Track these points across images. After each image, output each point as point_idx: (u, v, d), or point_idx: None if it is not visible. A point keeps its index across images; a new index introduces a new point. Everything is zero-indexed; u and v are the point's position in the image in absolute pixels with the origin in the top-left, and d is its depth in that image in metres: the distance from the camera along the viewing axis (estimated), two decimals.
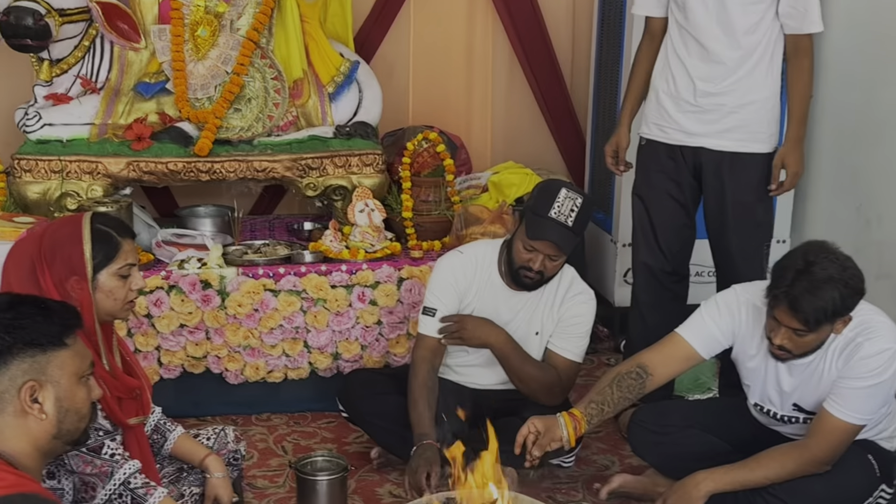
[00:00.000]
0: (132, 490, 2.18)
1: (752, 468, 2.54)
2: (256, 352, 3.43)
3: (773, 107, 3.08)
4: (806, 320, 2.39)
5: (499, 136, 4.66)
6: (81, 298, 2.15)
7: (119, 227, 2.30)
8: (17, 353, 1.65)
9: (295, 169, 3.67)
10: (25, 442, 1.67)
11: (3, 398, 1.65)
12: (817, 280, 2.36)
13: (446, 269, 3.01)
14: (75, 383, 1.73)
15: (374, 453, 3.14)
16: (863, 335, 2.49)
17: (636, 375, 2.68)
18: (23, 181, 3.51)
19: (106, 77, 3.74)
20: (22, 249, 2.23)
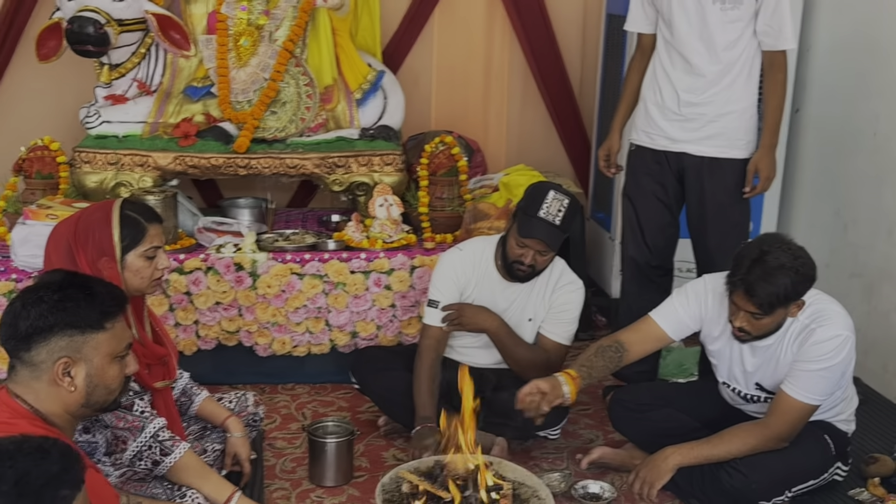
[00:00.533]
0: (161, 442, 2.23)
1: (716, 444, 2.55)
2: (283, 328, 3.48)
3: (751, 116, 3.06)
4: (760, 304, 2.40)
5: (513, 141, 4.68)
6: (111, 277, 2.18)
7: (146, 212, 2.33)
8: (58, 332, 1.68)
9: (323, 166, 3.73)
10: (58, 406, 1.70)
11: (41, 367, 1.68)
12: (770, 268, 2.38)
13: (448, 264, 3.04)
14: (108, 362, 1.74)
15: (382, 421, 3.18)
16: (816, 322, 2.49)
17: (614, 350, 2.72)
18: (83, 171, 3.61)
19: (159, 81, 3.82)
20: (60, 232, 2.28)
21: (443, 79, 4.55)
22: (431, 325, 3.00)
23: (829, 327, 2.48)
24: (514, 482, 2.46)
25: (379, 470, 2.91)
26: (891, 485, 2.73)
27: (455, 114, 4.58)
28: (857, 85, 3.67)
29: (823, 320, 2.49)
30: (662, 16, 3.07)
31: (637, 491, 2.57)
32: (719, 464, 2.54)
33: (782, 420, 2.50)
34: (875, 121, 3.55)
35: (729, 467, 2.52)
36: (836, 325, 2.48)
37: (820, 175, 3.93)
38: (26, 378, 1.69)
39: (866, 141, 3.61)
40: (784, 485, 2.52)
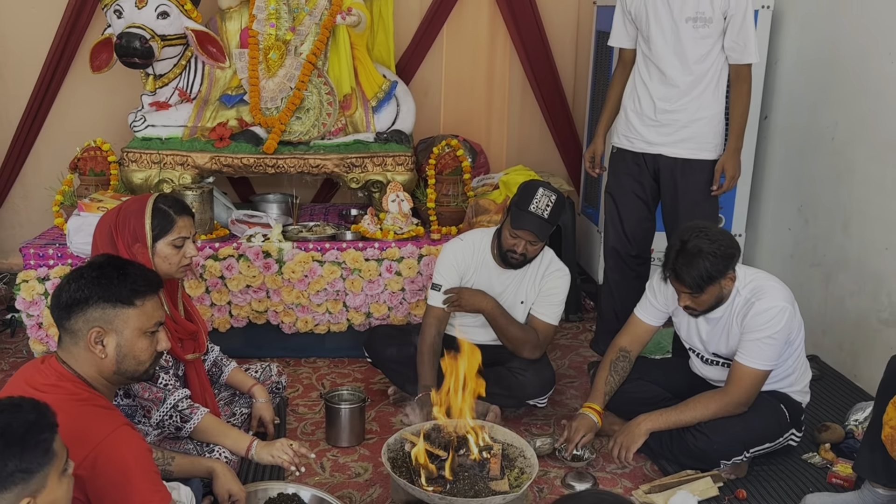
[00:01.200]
0: (180, 411, 2.28)
1: (683, 410, 2.58)
2: (306, 309, 3.54)
3: (719, 122, 3.08)
4: (690, 286, 2.47)
5: (512, 145, 4.71)
6: (144, 261, 2.24)
7: (177, 206, 2.36)
8: (94, 304, 1.73)
9: (342, 166, 3.78)
10: (93, 370, 1.76)
11: (78, 335, 1.74)
12: (690, 255, 2.44)
13: (450, 253, 3.07)
14: (137, 336, 1.77)
15: (391, 391, 3.23)
16: (755, 296, 2.54)
17: (623, 358, 2.81)
18: (130, 169, 3.67)
19: (198, 89, 3.87)
20: (105, 220, 2.34)
21: (450, 88, 4.58)
22: (434, 305, 3.04)
23: (766, 300, 2.52)
24: (503, 443, 2.51)
25: (388, 433, 2.95)
26: (840, 450, 2.76)
27: (461, 120, 4.62)
28: (819, 95, 3.67)
29: (761, 294, 2.53)
30: (641, 33, 3.09)
31: (616, 455, 2.61)
32: (686, 428, 2.58)
33: (739, 387, 2.53)
34: (833, 127, 3.55)
35: (695, 430, 2.56)
36: (772, 297, 2.52)
37: (785, 175, 3.94)
38: (68, 344, 1.75)
39: (825, 145, 3.61)
40: (742, 446, 2.54)
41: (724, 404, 2.53)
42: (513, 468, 2.43)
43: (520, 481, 2.36)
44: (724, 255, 2.46)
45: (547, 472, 2.69)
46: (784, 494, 2.53)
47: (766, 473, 2.64)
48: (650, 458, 2.74)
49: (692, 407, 2.57)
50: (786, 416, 2.64)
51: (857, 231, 3.40)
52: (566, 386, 3.37)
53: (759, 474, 2.64)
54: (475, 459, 2.35)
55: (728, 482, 2.57)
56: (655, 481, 2.58)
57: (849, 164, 3.46)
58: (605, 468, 2.74)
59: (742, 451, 2.55)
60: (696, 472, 2.58)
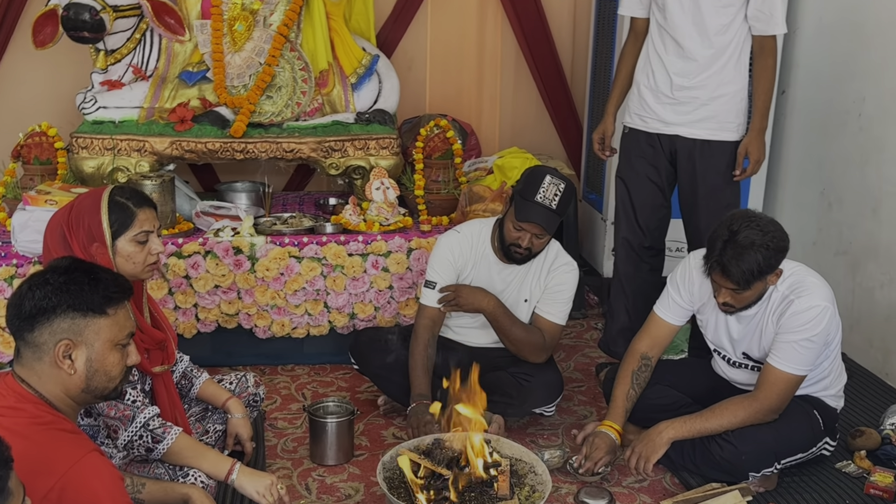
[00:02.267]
0: (151, 431, 2.22)
1: (708, 418, 2.56)
2: (282, 310, 3.48)
3: (742, 100, 3.05)
4: (738, 282, 2.43)
5: (506, 125, 4.67)
6: (104, 263, 2.16)
7: (136, 197, 2.29)
8: (61, 313, 1.67)
9: (319, 150, 3.71)
10: (59, 389, 1.69)
11: (43, 349, 1.67)
12: (741, 246, 2.40)
13: (445, 246, 3.02)
14: (109, 349, 1.73)
15: (381, 401, 3.18)
16: (795, 293, 2.52)
17: (644, 367, 2.78)
18: (80, 157, 3.58)
19: (154, 66, 3.79)
20: (56, 220, 2.27)
21: (436, 63, 4.53)
22: (428, 305, 3.00)
23: (807, 298, 2.50)
24: (511, 458, 2.48)
25: (379, 448, 2.92)
26: (876, 458, 2.76)
27: (449, 97, 4.57)
28: (843, 67, 3.67)
29: (801, 291, 2.51)
30: (656, 0, 3.05)
31: (634, 466, 2.59)
32: (711, 437, 2.56)
33: (770, 392, 2.52)
34: (860, 102, 3.55)
35: (720, 439, 2.54)
36: (814, 296, 2.50)
37: (806, 155, 3.94)
38: (29, 360, 1.69)
39: (851, 122, 3.61)
40: (773, 457, 2.54)
41: (754, 411, 2.52)
42: (523, 486, 2.40)
43: (531, 500, 2.34)
44: (777, 249, 2.43)
45: (558, 488, 2.66)
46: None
47: (797, 485, 2.64)
48: (670, 470, 2.73)
49: (718, 414, 2.55)
50: (819, 424, 2.63)
51: (888, 216, 3.40)
52: (573, 391, 3.35)
53: (791, 486, 2.63)
54: (481, 478, 2.31)
55: (757, 495, 2.56)
56: (678, 496, 2.57)
57: (877, 142, 3.46)
58: (622, 482, 2.72)
59: (773, 462, 2.54)
60: (723, 485, 2.57)
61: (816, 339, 2.49)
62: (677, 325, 2.81)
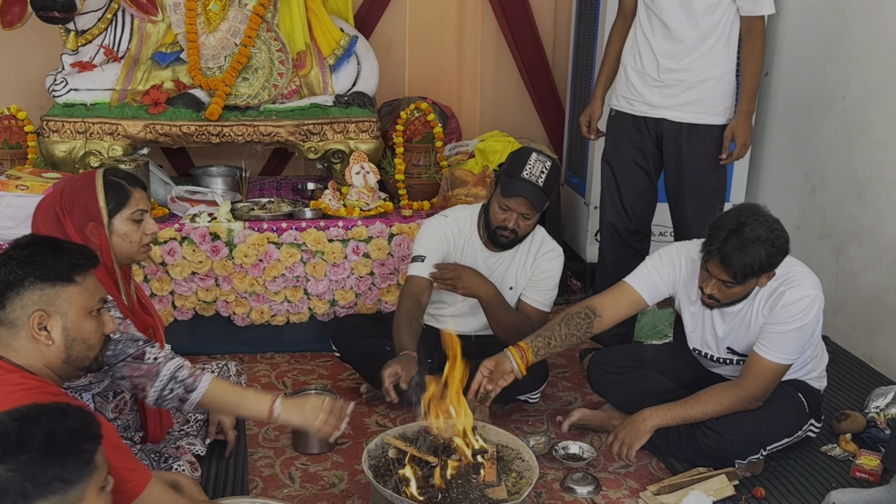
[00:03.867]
0: (181, 381, 2.18)
1: (692, 405, 2.59)
2: (261, 297, 3.46)
3: (729, 83, 3.07)
4: (735, 274, 2.43)
5: (486, 107, 4.67)
6: (100, 242, 2.21)
7: (129, 178, 2.34)
8: (29, 286, 1.69)
9: (297, 134, 3.69)
10: (40, 362, 1.72)
11: (17, 324, 1.70)
12: (747, 239, 2.39)
13: (435, 226, 3.01)
14: (83, 316, 1.76)
15: (364, 388, 3.18)
16: (785, 284, 2.53)
17: (584, 316, 2.69)
18: (51, 140, 3.53)
19: (126, 47, 3.74)
20: (47, 202, 2.28)
21: (415, 44, 4.51)
22: (417, 275, 2.92)
23: (798, 288, 2.52)
24: (497, 445, 2.49)
25: (362, 436, 2.92)
26: (862, 441, 2.81)
27: (428, 80, 4.55)
28: (827, 49, 3.70)
29: (792, 282, 2.53)
30: None
31: (616, 452, 2.61)
32: (695, 424, 2.59)
33: (756, 381, 2.54)
34: (845, 84, 3.59)
35: (705, 427, 2.57)
36: (805, 286, 2.53)
37: (789, 138, 3.98)
38: (6, 337, 1.71)
39: (836, 104, 3.65)
40: (759, 443, 2.57)
41: (738, 399, 2.55)
42: (509, 472, 2.41)
43: (518, 487, 2.35)
44: (780, 249, 2.44)
45: (544, 474, 2.68)
46: (805, 491, 2.57)
47: (784, 469, 2.68)
48: (656, 456, 2.76)
49: (703, 401, 2.58)
50: (804, 406, 2.67)
51: (871, 199, 3.44)
52: (557, 377, 3.38)
53: (777, 470, 2.67)
54: (468, 464, 2.33)
55: (744, 480, 2.60)
56: (665, 481, 2.60)
57: (862, 124, 3.50)
58: (608, 468, 2.75)
59: (759, 449, 2.57)
60: (709, 469, 2.60)
61: (806, 328, 2.52)
62: (643, 300, 2.70)
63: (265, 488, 2.59)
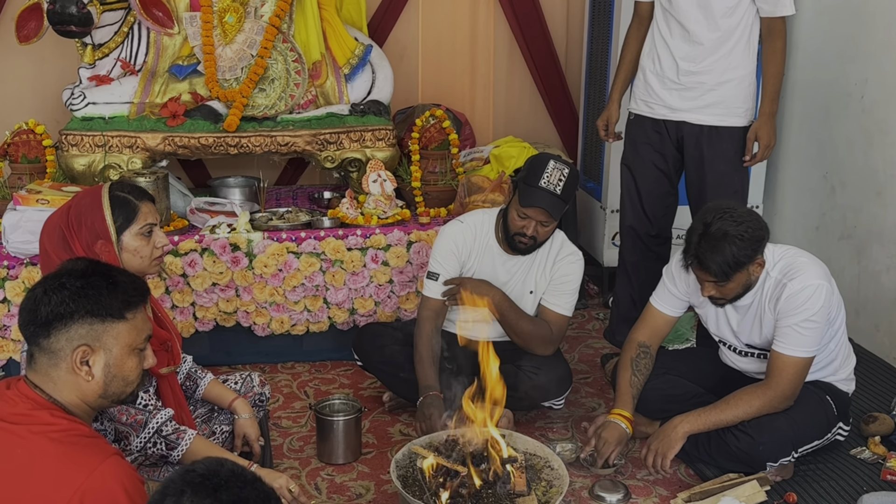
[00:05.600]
0: (165, 437, 2.17)
1: (723, 409, 2.55)
2: (281, 307, 3.44)
3: (750, 84, 3.04)
4: (716, 274, 2.45)
5: (500, 113, 4.64)
6: (110, 259, 2.13)
7: (136, 192, 2.27)
8: (79, 319, 1.62)
9: (314, 143, 3.67)
10: (75, 395, 1.66)
11: (59, 355, 1.63)
12: (715, 238, 2.43)
13: (448, 237, 2.99)
14: (127, 353, 1.69)
15: (386, 397, 3.16)
16: (787, 276, 2.52)
17: (643, 354, 2.77)
18: (70, 154, 3.52)
19: (143, 60, 3.73)
20: (53, 222, 2.23)
21: (429, 51, 4.49)
22: (431, 297, 2.97)
23: (799, 279, 2.50)
24: (525, 453, 2.46)
25: (386, 446, 2.89)
26: (891, 443, 2.77)
27: (442, 87, 4.53)
28: (844, 49, 3.66)
29: (793, 273, 2.52)
30: None
31: (650, 464, 2.57)
32: (726, 428, 2.55)
33: (781, 379, 2.51)
34: (863, 84, 3.55)
35: (736, 430, 2.53)
36: (807, 276, 2.50)
37: (807, 139, 3.94)
38: (45, 366, 1.64)
39: (854, 104, 3.61)
40: (790, 445, 2.53)
41: (769, 399, 2.51)
42: (539, 481, 2.38)
43: (549, 496, 2.32)
44: (752, 239, 2.44)
45: (572, 482, 2.64)
46: (837, 496, 2.53)
47: (814, 473, 2.64)
48: (685, 463, 2.72)
49: (733, 405, 2.54)
50: (833, 409, 2.63)
51: (893, 199, 3.40)
52: (580, 383, 3.34)
53: (807, 474, 2.63)
54: (498, 474, 2.30)
55: (775, 485, 2.56)
56: (695, 488, 2.56)
57: (881, 124, 3.46)
58: (636, 475, 2.71)
59: (790, 451, 2.54)
60: (740, 475, 2.56)
61: (817, 318, 2.48)
62: (674, 316, 2.80)
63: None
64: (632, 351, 2.78)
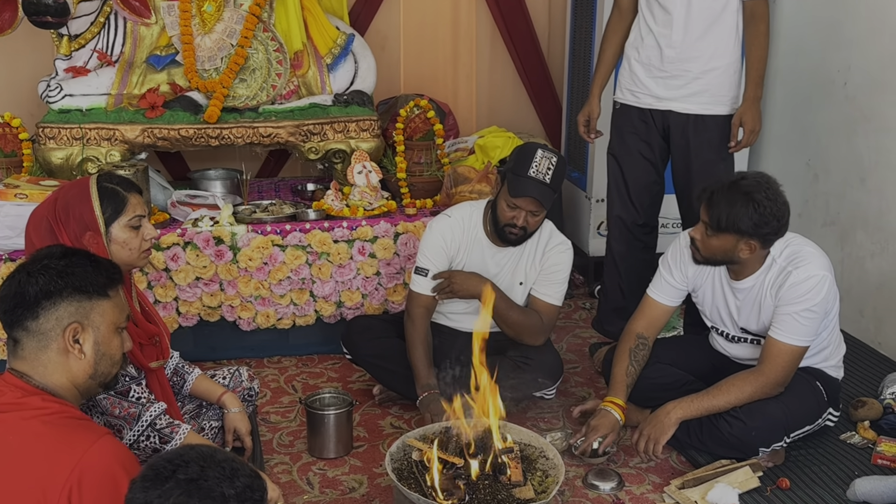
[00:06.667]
0: (158, 430, 2.16)
1: (715, 395, 2.58)
2: (267, 301, 3.42)
3: (735, 72, 3.06)
4: (711, 217, 2.50)
5: (483, 103, 4.64)
6: (97, 251, 2.11)
7: (124, 183, 2.26)
8: (67, 297, 1.65)
9: (298, 134, 3.64)
10: (65, 378, 1.67)
11: (49, 336, 1.65)
12: (737, 191, 2.47)
13: (436, 232, 2.98)
14: (112, 332, 1.73)
15: (376, 390, 3.15)
16: (792, 264, 2.55)
17: (642, 345, 2.80)
18: (47, 147, 3.47)
19: (120, 51, 3.68)
20: (39, 214, 2.20)
21: (410, 41, 4.47)
22: (420, 293, 2.96)
23: (804, 268, 2.53)
24: (520, 443, 2.47)
25: (378, 439, 2.89)
26: (880, 427, 2.81)
27: (424, 77, 4.52)
28: (827, 36, 3.70)
29: (799, 262, 2.54)
30: None
31: (643, 449, 2.59)
32: (718, 414, 2.58)
33: (775, 365, 2.54)
34: (846, 71, 3.59)
35: (729, 416, 2.56)
36: (812, 266, 2.53)
37: (790, 126, 3.98)
38: (33, 350, 1.65)
39: (837, 91, 3.65)
40: (783, 430, 2.56)
41: (761, 385, 2.54)
42: (534, 471, 2.39)
43: (545, 485, 2.33)
44: (763, 219, 2.46)
45: (566, 471, 2.65)
46: (829, 480, 2.57)
47: (805, 459, 2.68)
48: (677, 450, 2.75)
49: (725, 391, 2.57)
50: (823, 395, 2.67)
51: (876, 185, 3.45)
52: (569, 372, 3.36)
53: (799, 460, 2.67)
54: (495, 464, 2.30)
55: (767, 471, 2.59)
56: (688, 475, 2.59)
57: (865, 111, 3.50)
58: (629, 463, 2.73)
59: (782, 436, 2.57)
60: (732, 461, 2.59)
61: (817, 308, 2.51)
62: (672, 307, 2.83)
63: (285, 495, 2.55)
64: (631, 342, 2.80)
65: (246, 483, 1.36)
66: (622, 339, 2.84)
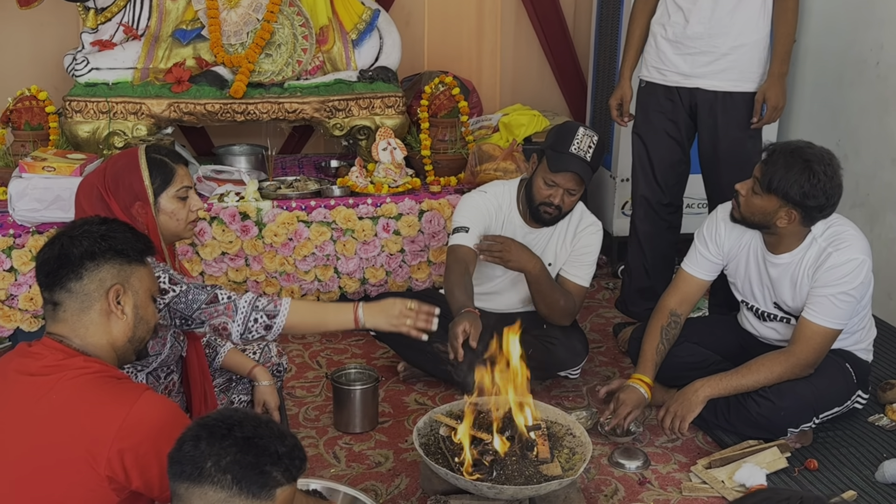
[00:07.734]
0: (263, 310, 2.15)
1: (744, 374, 2.57)
2: (291, 277, 3.45)
3: (764, 48, 3.03)
4: (764, 174, 2.49)
5: (507, 80, 4.62)
6: (147, 221, 2.17)
7: (171, 154, 2.30)
8: (110, 259, 1.69)
9: (323, 110, 3.65)
10: (105, 340, 1.71)
11: (92, 297, 1.68)
12: (800, 157, 2.47)
13: (476, 199, 2.96)
14: (148, 298, 1.78)
15: (401, 367, 3.17)
16: (833, 246, 2.54)
17: (674, 323, 2.79)
18: (74, 121, 3.49)
19: (146, 24, 3.69)
20: (89, 183, 2.24)
21: (435, 17, 4.46)
22: (463, 244, 2.86)
23: (845, 251, 2.51)
24: (546, 421, 2.48)
25: (402, 415, 2.91)
26: None
27: (448, 53, 4.51)
28: (859, 14, 3.66)
29: (840, 243, 2.53)
30: None
31: (668, 426, 2.59)
32: (746, 394, 2.58)
33: (807, 346, 2.54)
34: (878, 50, 3.55)
35: (757, 396, 2.56)
36: (853, 249, 2.52)
37: (819, 106, 3.94)
38: (74, 312, 1.68)
39: (868, 70, 3.61)
40: (812, 411, 2.56)
41: (791, 366, 2.54)
42: (561, 448, 2.41)
43: (572, 463, 2.35)
44: (811, 195, 2.45)
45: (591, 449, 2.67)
46: (857, 462, 2.57)
47: (833, 440, 2.68)
48: (702, 429, 2.75)
49: (754, 370, 2.57)
50: (852, 377, 2.67)
51: None
52: (594, 352, 3.36)
53: (826, 441, 2.67)
54: (522, 441, 2.32)
55: (795, 452, 2.60)
56: (715, 455, 2.59)
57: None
58: (654, 442, 2.74)
59: (811, 417, 2.57)
60: (759, 442, 2.60)
61: (854, 292, 2.50)
62: (707, 281, 2.82)
63: (312, 468, 2.58)
64: (663, 319, 2.79)
65: (293, 443, 1.42)
66: (654, 315, 2.83)
